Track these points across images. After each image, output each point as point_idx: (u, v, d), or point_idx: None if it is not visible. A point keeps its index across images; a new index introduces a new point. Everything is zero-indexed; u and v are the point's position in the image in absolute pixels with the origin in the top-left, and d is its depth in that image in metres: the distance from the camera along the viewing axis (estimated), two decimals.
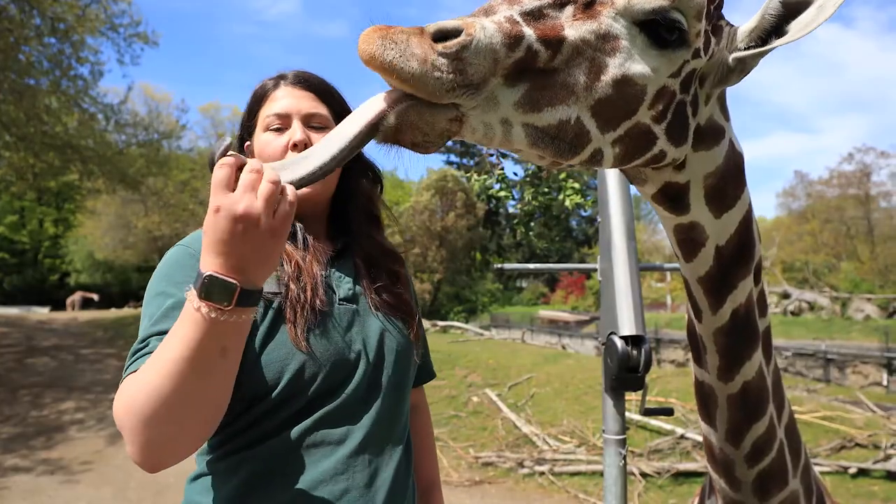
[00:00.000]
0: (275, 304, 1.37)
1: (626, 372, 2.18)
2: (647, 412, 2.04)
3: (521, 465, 8.15)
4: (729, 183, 1.18)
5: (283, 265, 1.42)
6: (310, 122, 1.55)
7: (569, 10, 0.94)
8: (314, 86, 1.59)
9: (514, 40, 0.86)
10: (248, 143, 1.62)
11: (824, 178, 53.56)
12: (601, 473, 7.72)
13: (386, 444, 1.45)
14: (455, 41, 0.82)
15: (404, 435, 1.52)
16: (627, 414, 9.06)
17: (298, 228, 1.52)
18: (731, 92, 1.21)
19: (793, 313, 35.69)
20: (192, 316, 1.04)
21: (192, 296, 1.04)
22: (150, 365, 1.09)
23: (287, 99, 1.55)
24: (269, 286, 1.37)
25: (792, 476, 1.38)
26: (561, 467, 7.96)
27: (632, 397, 9.55)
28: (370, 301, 1.53)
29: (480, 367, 12.73)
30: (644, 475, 7.44)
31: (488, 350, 14.68)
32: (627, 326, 2.26)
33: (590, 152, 0.98)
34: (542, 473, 7.86)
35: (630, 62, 0.95)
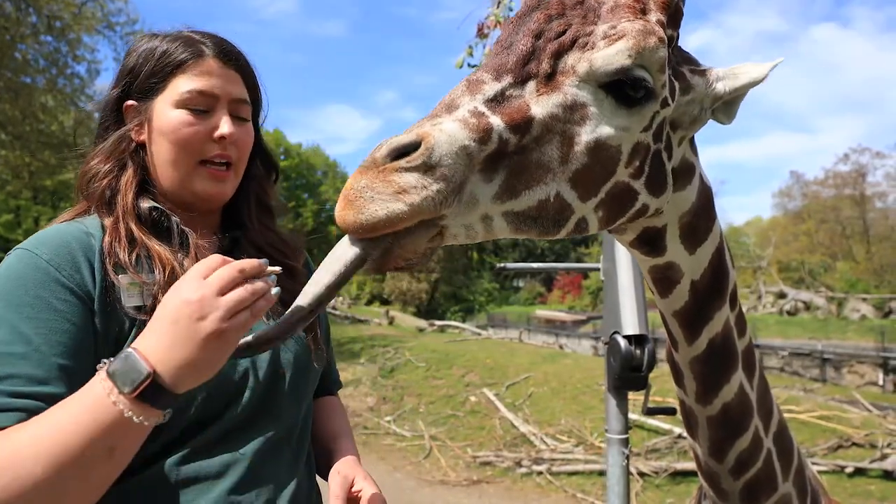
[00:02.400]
0: (140, 322, 1.15)
1: (630, 371, 2.18)
2: (650, 411, 2.03)
3: (518, 464, 8.15)
4: (701, 218, 1.18)
5: (152, 272, 1.19)
6: (236, 110, 1.35)
7: (531, 85, 0.92)
8: (243, 67, 1.39)
9: (485, 133, 0.84)
10: (131, 102, 1.33)
11: (820, 179, 53.77)
12: (599, 473, 7.77)
13: (280, 471, 1.25)
14: (416, 154, 0.79)
15: (303, 454, 1.35)
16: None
17: (174, 223, 1.29)
18: None
19: (789, 313, 35.79)
20: (96, 400, 0.88)
21: (105, 381, 0.88)
22: (15, 442, 0.89)
23: (214, 78, 1.31)
24: (133, 299, 1.15)
25: (782, 481, 1.38)
26: (559, 467, 7.97)
27: (631, 397, 9.56)
28: None
29: (478, 366, 12.73)
30: (642, 474, 7.44)
31: (486, 350, 14.68)
32: (631, 326, 2.26)
33: (574, 223, 0.97)
34: (539, 473, 7.86)
35: (601, 126, 0.94)
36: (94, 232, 1.20)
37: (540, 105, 0.90)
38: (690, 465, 7.57)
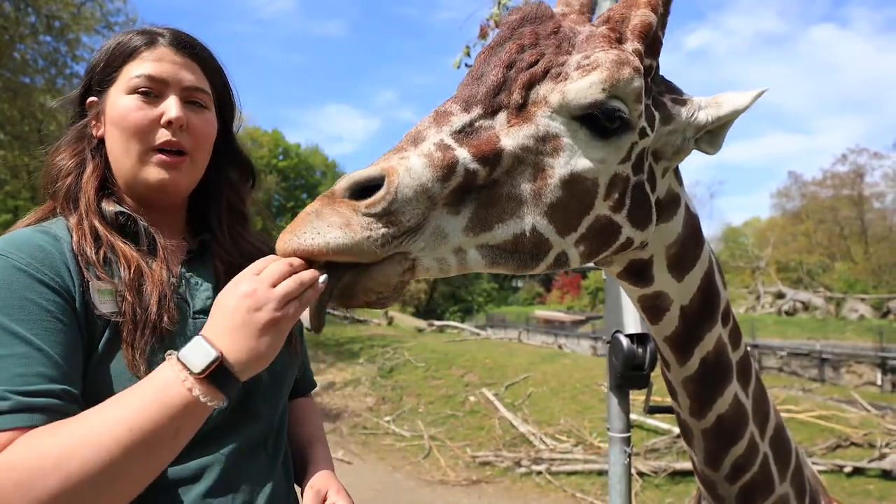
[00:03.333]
0: (111, 326, 1.13)
1: (632, 370, 2.19)
2: (652, 410, 2.04)
3: (518, 464, 8.16)
4: (689, 248, 1.17)
5: (120, 273, 1.17)
6: (190, 96, 1.29)
7: (502, 116, 0.90)
8: (198, 54, 1.33)
9: (449, 169, 0.82)
10: (92, 98, 1.31)
11: (818, 179, 53.85)
12: (598, 472, 7.79)
13: (256, 473, 1.24)
14: (378, 197, 0.78)
15: (279, 456, 1.33)
16: None
17: (142, 227, 1.25)
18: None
19: (787, 313, 35.84)
20: (166, 383, 0.92)
21: (175, 364, 0.93)
22: (73, 433, 0.90)
23: (165, 63, 1.27)
24: (106, 304, 1.13)
25: (779, 483, 1.38)
26: (558, 466, 7.98)
27: (632, 397, 9.58)
28: None
29: (477, 366, 12.74)
30: (641, 474, 7.45)
31: (485, 350, 14.69)
32: (633, 325, 2.27)
33: (553, 257, 0.94)
34: (539, 473, 7.87)
35: (575, 159, 0.91)
36: (61, 235, 1.17)
37: (510, 136, 0.88)
38: (689, 465, 7.58)
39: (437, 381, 12.18)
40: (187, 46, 1.31)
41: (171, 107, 1.25)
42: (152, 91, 1.25)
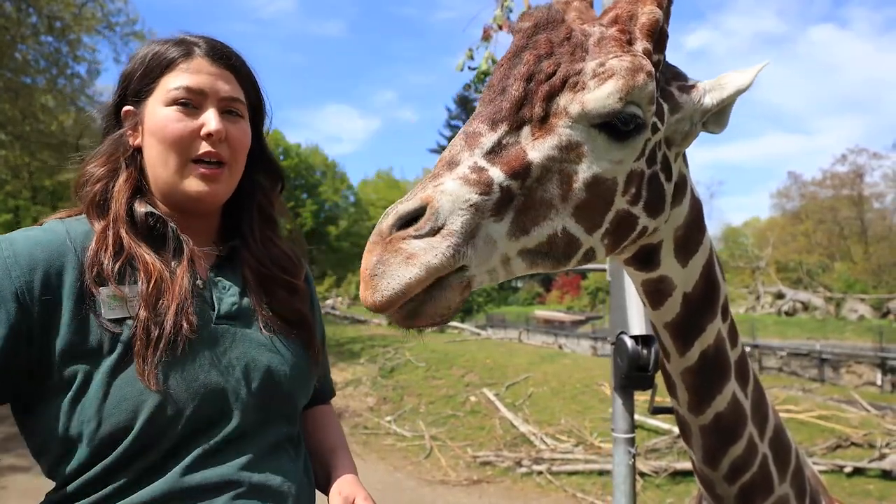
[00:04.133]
0: (123, 336, 1.13)
1: (637, 371, 2.20)
2: (656, 411, 2.06)
3: (519, 464, 8.17)
4: (693, 230, 1.21)
5: (136, 283, 1.17)
6: (227, 107, 1.31)
7: (526, 130, 0.96)
8: (234, 65, 1.34)
9: (487, 187, 0.89)
10: (127, 108, 1.31)
11: (818, 179, 53.84)
12: (599, 472, 7.80)
13: (280, 479, 1.23)
14: (423, 220, 0.85)
15: (300, 461, 1.32)
16: None
17: (171, 229, 1.26)
18: None
19: (787, 313, 35.84)
20: None
21: None
22: None
23: (203, 75, 1.28)
24: (114, 311, 1.14)
25: (779, 483, 1.40)
26: (559, 466, 7.99)
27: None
28: (260, 318, 1.30)
29: (478, 366, 12.75)
30: (642, 474, 7.46)
31: (485, 350, 14.71)
32: (637, 326, 2.28)
33: (583, 253, 1.02)
34: (540, 473, 7.88)
35: (596, 163, 0.98)
36: (76, 236, 1.19)
37: (536, 149, 0.94)
38: (689, 465, 7.58)
39: (438, 381, 12.19)
40: (223, 56, 1.33)
41: (210, 119, 1.27)
42: (191, 102, 1.27)
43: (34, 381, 1.12)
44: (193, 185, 1.28)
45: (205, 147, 1.27)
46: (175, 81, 1.27)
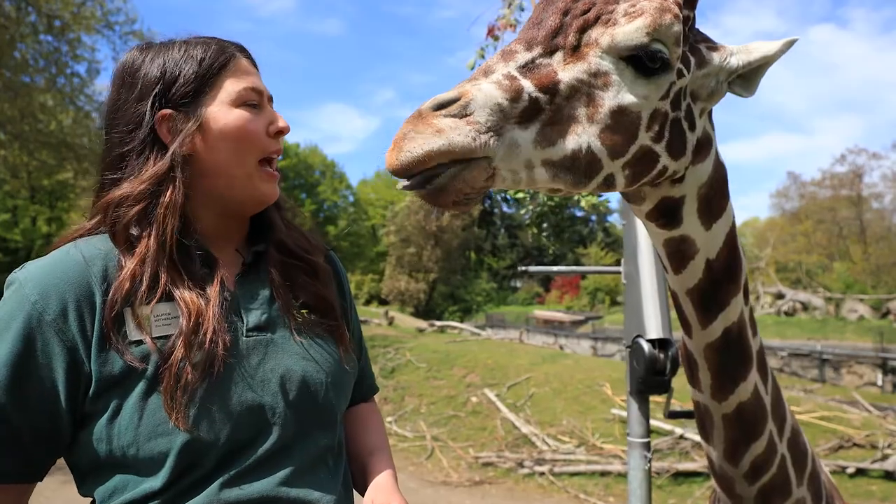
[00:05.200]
0: (153, 358, 1.09)
1: (654, 375, 2.18)
2: (672, 415, 2.04)
3: (520, 465, 8.16)
4: (717, 193, 1.23)
5: (168, 323, 1.13)
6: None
7: (559, 56, 1.02)
8: (257, 65, 1.39)
9: (516, 94, 0.95)
10: (167, 111, 1.22)
11: (817, 180, 53.94)
12: (601, 474, 7.79)
13: (318, 492, 1.20)
14: (457, 104, 0.91)
15: (340, 471, 1.29)
16: (623, 413, 9.08)
17: (200, 250, 1.22)
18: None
19: (786, 313, 35.89)
20: None
21: None
22: None
23: (254, 76, 1.31)
24: (137, 333, 1.10)
25: (796, 486, 1.39)
26: (561, 467, 7.98)
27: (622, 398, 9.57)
28: (292, 324, 1.26)
29: (479, 367, 12.73)
30: None
31: (486, 350, 14.69)
32: (654, 330, 2.26)
33: (603, 177, 1.05)
34: (542, 474, 7.87)
35: (622, 93, 1.03)
36: (93, 260, 1.13)
37: (567, 72, 1.00)
38: (692, 466, 7.59)
39: (439, 381, 12.18)
40: (251, 58, 1.36)
41: (278, 117, 1.31)
42: (257, 103, 1.29)
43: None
44: (265, 188, 1.29)
45: (276, 145, 1.30)
46: (238, 83, 1.27)
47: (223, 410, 1.11)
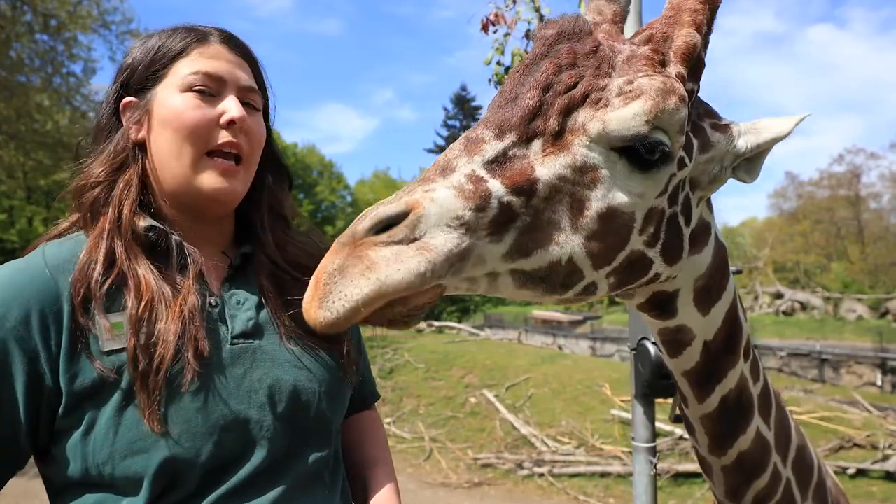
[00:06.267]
0: (123, 370, 1.01)
1: (660, 378, 2.13)
2: (678, 419, 1.98)
3: (520, 466, 8.13)
4: (716, 279, 1.11)
5: (124, 308, 1.05)
6: (245, 97, 1.21)
7: (537, 144, 0.84)
8: (249, 54, 1.26)
9: (483, 200, 0.78)
10: (129, 98, 1.19)
11: (815, 179, 54.03)
12: (601, 475, 7.76)
13: None
14: (402, 225, 0.72)
15: (338, 484, 1.22)
16: (622, 414, 9.06)
17: (174, 242, 1.14)
18: (724, 92, 1.19)
19: (785, 313, 35.92)
20: None
21: None
22: None
23: (221, 61, 1.19)
24: (110, 342, 1.02)
25: (801, 501, 1.35)
26: (560, 468, 7.95)
27: (629, 398, 9.58)
28: (281, 329, 1.18)
29: (477, 367, 12.69)
30: None
31: (485, 350, 14.65)
32: None
33: (583, 287, 0.90)
34: (541, 475, 7.84)
35: (613, 192, 0.87)
36: (59, 262, 1.07)
37: (546, 166, 0.83)
38: (692, 467, 7.56)
39: (438, 382, 12.14)
40: (239, 45, 1.24)
41: (232, 106, 1.17)
42: (209, 89, 1.17)
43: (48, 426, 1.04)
44: (209, 180, 1.16)
45: (224, 136, 1.16)
46: (191, 66, 1.16)
47: (206, 423, 1.03)
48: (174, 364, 1.02)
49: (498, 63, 4.35)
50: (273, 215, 1.32)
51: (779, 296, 38.38)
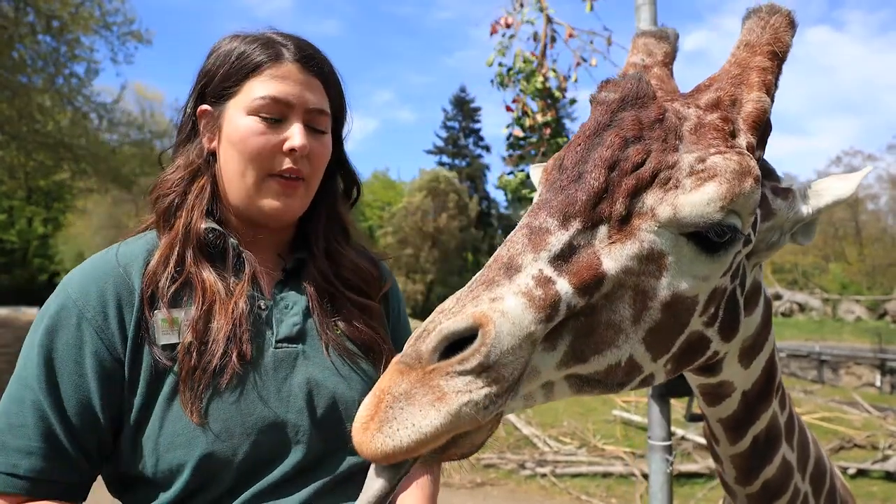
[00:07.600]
0: (168, 373, 1.07)
1: (675, 378, 2.15)
2: (693, 418, 2.03)
3: (522, 466, 8.15)
4: (762, 335, 1.08)
5: (191, 306, 1.11)
6: (311, 121, 1.22)
7: (602, 231, 0.78)
8: (324, 71, 1.26)
9: (552, 308, 0.71)
10: (205, 107, 1.23)
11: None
12: (603, 475, 7.78)
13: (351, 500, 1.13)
14: (472, 350, 0.66)
15: None
16: (624, 414, 9.08)
17: (231, 245, 1.20)
18: None
19: (784, 314, 35.95)
20: None
21: None
22: None
23: (291, 84, 1.19)
24: (167, 336, 1.08)
25: None
26: (562, 469, 7.97)
27: (630, 398, 9.58)
28: (323, 339, 1.21)
29: None
30: (645, 476, 7.45)
31: None
32: None
33: (640, 380, 0.86)
34: (543, 475, 7.86)
35: (679, 278, 0.81)
36: (130, 260, 1.13)
37: (612, 258, 0.77)
38: (693, 467, 7.60)
39: None
40: (313, 63, 1.24)
41: (295, 134, 1.18)
42: (274, 115, 1.18)
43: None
44: (269, 202, 1.21)
45: (286, 163, 1.19)
46: (261, 89, 1.18)
47: (244, 423, 1.08)
48: (220, 363, 1.08)
49: (500, 64, 4.36)
50: (331, 223, 1.35)
51: (777, 297, 38.42)
